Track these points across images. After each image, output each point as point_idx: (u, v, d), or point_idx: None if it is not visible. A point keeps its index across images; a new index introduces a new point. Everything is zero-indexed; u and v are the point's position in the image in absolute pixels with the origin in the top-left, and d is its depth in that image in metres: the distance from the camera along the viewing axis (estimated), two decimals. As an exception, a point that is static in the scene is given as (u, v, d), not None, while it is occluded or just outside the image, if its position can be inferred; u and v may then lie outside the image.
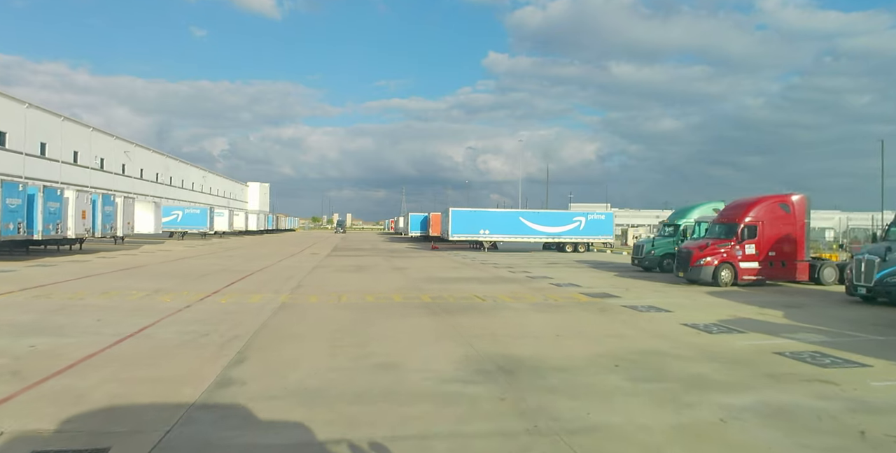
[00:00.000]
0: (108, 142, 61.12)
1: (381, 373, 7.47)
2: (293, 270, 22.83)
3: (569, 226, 41.94)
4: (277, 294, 15.26)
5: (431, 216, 57.85)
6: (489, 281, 19.95)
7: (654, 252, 24.42)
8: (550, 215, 42.56)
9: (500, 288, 17.78)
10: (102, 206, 29.78)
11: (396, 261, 29.60)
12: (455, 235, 40.92)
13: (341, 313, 12.34)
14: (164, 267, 23.36)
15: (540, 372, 7.66)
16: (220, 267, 23.88)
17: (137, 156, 68.79)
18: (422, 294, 15.83)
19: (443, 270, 24.23)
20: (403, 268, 24.82)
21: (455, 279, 20.34)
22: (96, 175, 57.01)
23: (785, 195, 19.54)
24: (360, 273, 22.40)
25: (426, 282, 19.23)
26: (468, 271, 24.00)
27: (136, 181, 68.27)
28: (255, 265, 25.02)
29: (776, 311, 13.53)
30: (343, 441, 5.13)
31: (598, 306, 14.08)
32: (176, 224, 51.90)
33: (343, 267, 25.33)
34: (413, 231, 63.02)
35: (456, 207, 42.00)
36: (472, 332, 10.32)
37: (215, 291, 15.46)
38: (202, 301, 13.72)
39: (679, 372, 7.80)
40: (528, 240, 41.66)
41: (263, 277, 19.81)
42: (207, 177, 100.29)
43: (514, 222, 41.38)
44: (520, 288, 17.89)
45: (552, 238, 41.86)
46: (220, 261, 26.92)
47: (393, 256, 34.53)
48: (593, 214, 42.65)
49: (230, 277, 19.26)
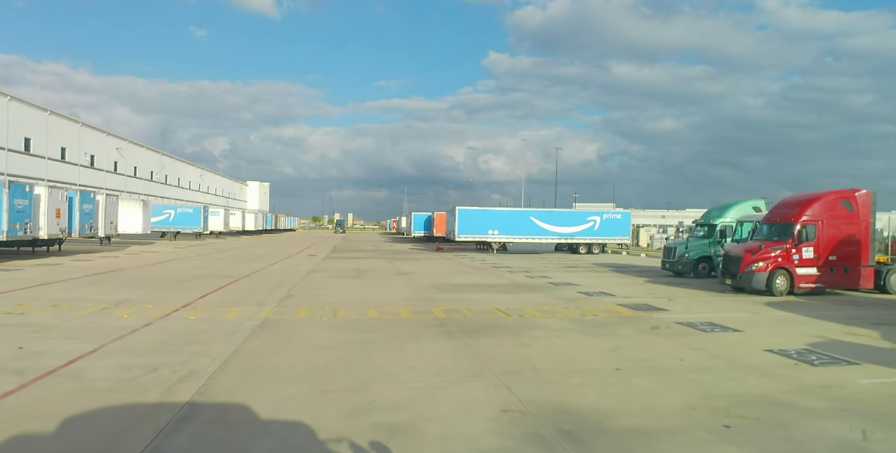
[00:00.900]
0: (99, 138, 58.72)
1: (387, 443, 5.02)
2: (285, 275, 20.39)
3: (582, 226, 39.47)
4: (261, 307, 12.81)
5: (435, 216, 55.39)
6: (508, 289, 17.49)
7: (689, 255, 21.92)
8: (563, 214, 40.08)
9: (522, 298, 15.33)
10: (81, 204, 27.35)
11: (400, 264, 27.15)
12: (462, 236, 38.46)
13: (335, 335, 9.88)
14: (140, 271, 20.92)
15: (620, 441, 5.21)
16: (204, 271, 21.44)
17: (131, 154, 66.40)
18: (432, 306, 13.38)
19: (452, 275, 21.78)
20: (408, 273, 22.36)
21: (468, 286, 17.88)
22: (85, 172, 54.62)
23: (848, 191, 17.04)
24: (360, 279, 19.95)
25: (436, 290, 16.78)
26: (481, 276, 21.54)
27: (129, 179, 65.88)
28: (244, 269, 22.58)
29: (869, 331, 11.06)
30: None
31: (647, 323, 11.61)
32: (168, 224, 49.46)
33: (341, 271, 22.87)
34: (416, 231, 60.56)
35: (463, 206, 39.54)
36: (506, 365, 7.86)
37: (187, 303, 13.00)
38: (167, 317, 11.28)
39: (823, 439, 5.33)
40: (539, 240, 39.19)
41: (249, 284, 17.36)
42: (205, 176, 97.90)
43: (524, 222, 38.91)
44: (545, 297, 15.42)
45: (565, 238, 39.39)
46: (207, 265, 24.48)
47: (396, 258, 32.09)
48: (608, 213, 40.18)
49: (211, 284, 16.81)
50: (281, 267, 24.46)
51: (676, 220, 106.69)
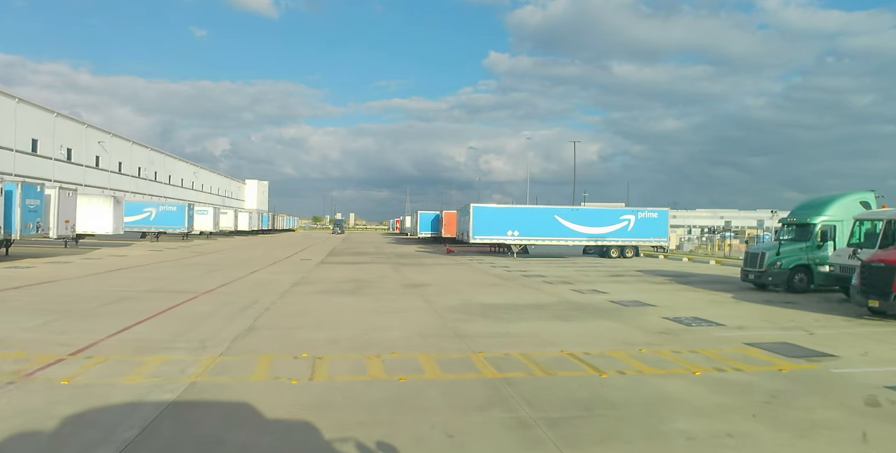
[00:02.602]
0: (78, 130, 53.99)
1: None
2: (262, 290, 15.62)
3: (615, 226, 34.59)
4: (197, 355, 8.01)
5: (444, 215, 50.54)
6: (562, 311, 12.68)
7: (781, 264, 17.05)
8: (592, 213, 35.17)
9: (594, 330, 10.53)
10: (23, 200, 22.58)
11: (409, 273, 22.35)
12: (478, 237, 33.59)
13: (300, 443, 5.07)
14: (75, 285, 16.15)
15: None
16: (159, 283, 16.67)
17: (115, 148, 61.69)
18: (470, 349, 8.59)
19: (478, 289, 16.98)
20: (421, 286, 17.56)
21: (507, 308, 13.07)
22: (61, 167, 49.88)
23: None
24: (358, 295, 15.15)
25: (465, 315, 11.96)
26: (515, 290, 16.75)
27: (113, 175, 61.15)
28: (213, 280, 17.81)
29: None
30: None
31: (840, 389, 6.80)
32: (149, 223, 44.67)
33: (336, 283, 18.08)
34: (423, 231, 55.69)
35: (478, 204, 34.67)
36: None
37: (85, 346, 8.21)
38: (27, 379, 6.51)
39: None
40: (565, 242, 34.30)
41: (205, 306, 12.57)
42: (199, 174, 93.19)
43: (548, 222, 34.03)
44: (626, 329, 10.61)
45: (595, 240, 34.51)
46: (170, 274, 19.70)
47: (403, 264, 27.29)
48: (643, 212, 35.25)
49: (151, 307, 12.02)
50: (262, 276, 19.67)
51: (685, 221, 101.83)
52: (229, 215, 61.66)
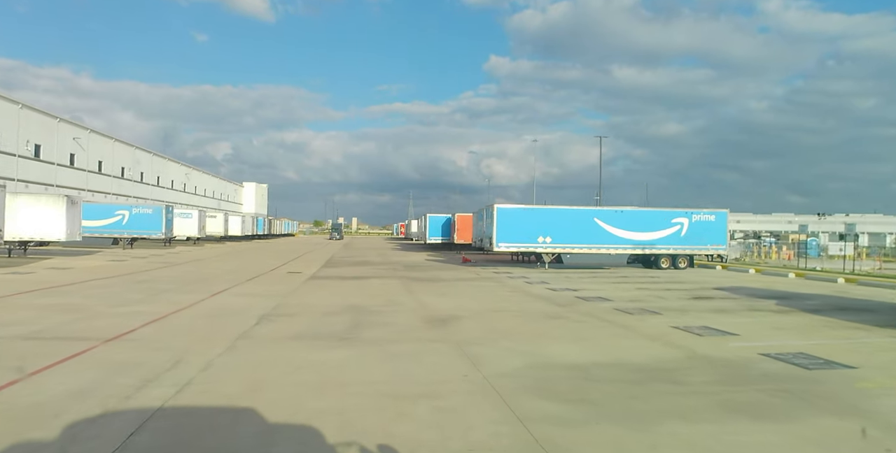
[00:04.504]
0: (49, 124, 48.58)
1: None
2: (204, 333, 10.06)
3: (665, 232, 29.00)
4: None
5: (457, 218, 44.93)
6: (719, 391, 7.05)
7: None
8: (639, 215, 29.48)
9: (821, 440, 4.89)
10: (-84, 197, 17.13)
11: (426, 294, 16.76)
12: (502, 244, 27.98)
13: None
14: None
15: None
16: (51, 321, 11.07)
17: (94, 145, 56.33)
18: None
19: (536, 327, 11.40)
20: (450, 321, 11.96)
21: (611, 377, 7.45)
22: (26, 164, 44.48)
23: None
24: (353, 347, 9.51)
25: (549, 400, 6.33)
26: (590, 329, 11.16)
27: (92, 175, 55.76)
28: (145, 312, 12.25)
29: None
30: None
31: None
32: (121, 228, 39.14)
33: (323, 316, 12.51)
34: (433, 237, 50.00)
35: (504, 204, 29.02)
36: None
37: None
38: None
39: None
40: (606, 250, 28.66)
41: (69, 383, 6.94)
42: (192, 175, 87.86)
43: (586, 225, 28.43)
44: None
45: (642, 248, 28.88)
46: (92, 301, 14.10)
47: (415, 278, 21.70)
48: (698, 214, 29.61)
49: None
50: (224, 302, 14.11)
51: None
52: (218, 219, 56.15)
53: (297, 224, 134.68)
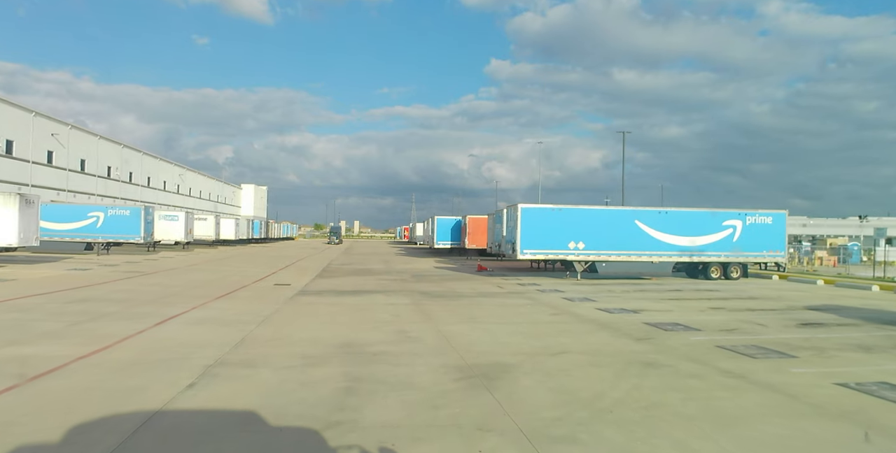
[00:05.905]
0: (24, 120, 44.69)
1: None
2: (83, 415, 6.00)
3: (716, 236, 24.97)
4: None
5: (468, 221, 40.81)
6: None
7: None
8: (686, 217, 25.32)
9: None
10: None
11: (448, 320, 12.69)
12: (528, 251, 23.92)
13: None
14: None
15: None
16: None
17: (76, 143, 52.43)
18: None
19: (655, 399, 7.32)
20: (494, 372, 7.90)
21: None
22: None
23: None
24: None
25: None
26: (722, 388, 7.08)
27: (73, 174, 51.81)
28: (40, 358, 8.21)
29: None
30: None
31: None
32: (94, 231, 35.17)
33: (299, 368, 8.48)
34: (441, 241, 45.87)
35: (527, 204, 24.89)
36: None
37: None
38: None
39: None
40: (649, 258, 24.57)
41: None
42: (186, 176, 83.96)
43: (626, 229, 24.37)
44: None
45: (689, 255, 24.81)
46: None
47: (428, 293, 17.62)
48: (753, 216, 25.54)
49: None
50: (163, 337, 10.06)
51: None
52: (209, 222, 52.12)
53: (298, 227, 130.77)
